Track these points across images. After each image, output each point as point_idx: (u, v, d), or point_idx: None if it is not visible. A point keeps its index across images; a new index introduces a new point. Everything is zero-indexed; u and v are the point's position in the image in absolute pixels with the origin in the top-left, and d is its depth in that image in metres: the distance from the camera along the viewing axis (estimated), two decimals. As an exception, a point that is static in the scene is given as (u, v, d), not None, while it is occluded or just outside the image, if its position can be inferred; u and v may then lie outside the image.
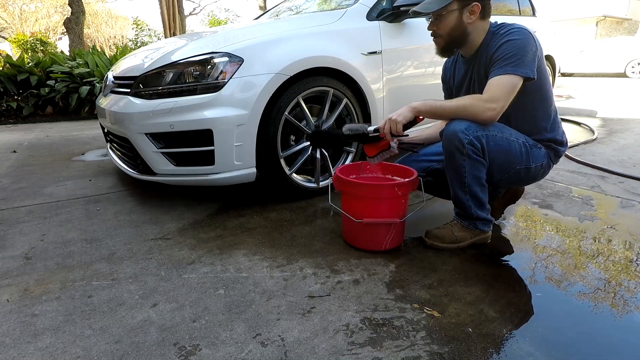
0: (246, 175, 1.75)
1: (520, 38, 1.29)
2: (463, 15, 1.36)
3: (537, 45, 1.31)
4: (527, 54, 1.27)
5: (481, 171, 1.36)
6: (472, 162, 1.34)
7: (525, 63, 1.27)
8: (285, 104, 1.77)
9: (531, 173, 1.43)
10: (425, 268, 1.33)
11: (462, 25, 1.37)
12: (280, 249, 1.48)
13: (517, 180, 1.47)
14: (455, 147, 1.33)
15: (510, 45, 1.29)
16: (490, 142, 1.33)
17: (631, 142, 3.14)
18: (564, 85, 8.43)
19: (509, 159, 1.37)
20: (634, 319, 1.07)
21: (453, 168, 1.38)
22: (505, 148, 1.35)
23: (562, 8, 16.18)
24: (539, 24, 3.50)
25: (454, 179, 1.40)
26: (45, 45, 12.90)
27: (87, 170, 2.59)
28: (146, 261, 1.39)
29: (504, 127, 1.38)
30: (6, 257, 1.43)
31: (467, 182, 1.37)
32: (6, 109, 4.81)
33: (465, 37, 1.39)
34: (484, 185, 1.39)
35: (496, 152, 1.35)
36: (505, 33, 1.32)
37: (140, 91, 1.75)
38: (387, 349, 0.96)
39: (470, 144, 1.30)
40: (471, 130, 1.31)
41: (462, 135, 1.30)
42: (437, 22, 1.39)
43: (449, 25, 1.38)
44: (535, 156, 1.41)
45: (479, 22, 1.37)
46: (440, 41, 1.42)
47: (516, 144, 1.37)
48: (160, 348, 0.97)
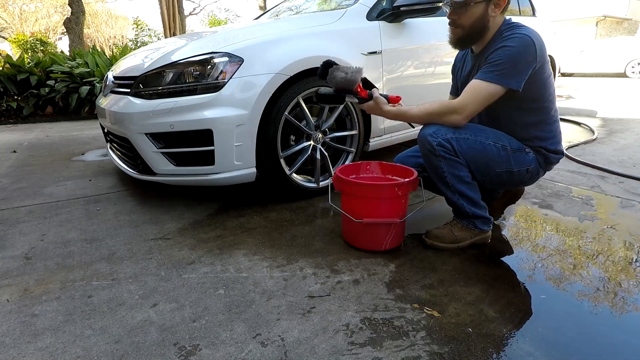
0: (246, 175, 1.75)
1: (516, 46, 1.24)
2: (489, 7, 1.31)
3: (537, 55, 1.25)
4: (518, 64, 1.24)
5: (460, 170, 1.36)
6: (447, 162, 1.35)
7: (513, 74, 1.25)
8: (285, 104, 1.77)
9: (515, 177, 1.40)
10: (425, 268, 1.34)
11: (486, 18, 1.32)
12: (280, 249, 1.48)
13: (502, 183, 1.45)
14: (427, 150, 1.36)
15: (503, 51, 1.26)
16: (462, 144, 1.33)
17: (631, 142, 3.14)
18: (564, 85, 8.43)
19: (486, 162, 1.36)
20: (634, 319, 1.07)
21: (432, 170, 1.41)
22: (479, 151, 1.34)
23: (562, 8, 16.17)
24: (539, 24, 3.50)
25: (437, 181, 1.42)
26: (45, 45, 12.91)
27: (87, 170, 2.59)
28: (146, 261, 1.39)
29: (479, 130, 1.37)
30: (6, 257, 1.43)
31: (450, 182, 1.38)
32: (6, 109, 4.81)
33: (484, 31, 1.34)
34: (469, 183, 1.39)
35: (470, 154, 1.34)
36: (507, 37, 1.28)
37: (140, 91, 1.75)
38: (387, 349, 0.96)
39: (439, 145, 1.32)
40: (440, 133, 1.33)
41: (430, 138, 1.34)
42: (460, 10, 1.32)
43: (473, 17, 1.31)
44: (519, 160, 1.38)
45: (499, 17, 1.34)
46: (459, 32, 1.36)
47: (492, 147, 1.35)
48: (160, 348, 0.97)
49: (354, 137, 2.08)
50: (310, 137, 1.92)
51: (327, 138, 1.98)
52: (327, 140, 1.98)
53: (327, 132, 1.98)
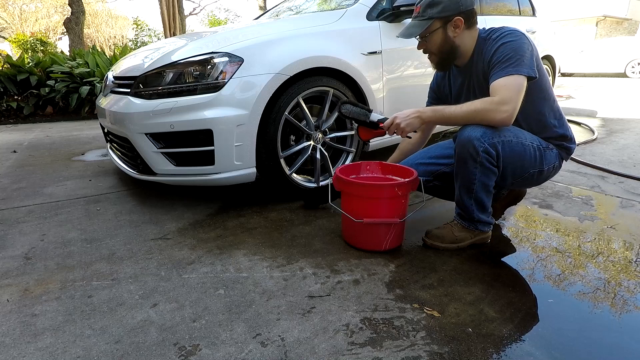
0: (246, 175, 1.75)
1: (515, 39, 1.28)
2: (447, 31, 1.37)
3: (533, 45, 1.31)
4: (525, 53, 1.27)
5: (491, 179, 1.35)
6: (484, 170, 1.32)
7: (525, 63, 1.26)
8: (285, 104, 1.77)
9: (543, 175, 1.44)
10: (425, 268, 1.33)
11: (449, 41, 1.38)
12: (280, 249, 1.48)
13: (530, 183, 1.48)
14: (469, 155, 1.30)
15: (506, 47, 1.28)
16: (506, 148, 1.31)
17: (631, 142, 3.14)
18: (564, 85, 8.43)
19: (523, 164, 1.37)
20: (634, 319, 1.07)
21: (463, 175, 1.36)
22: (520, 153, 1.34)
23: (562, 8, 16.17)
24: (539, 24, 3.50)
25: (462, 185, 1.39)
26: (45, 45, 12.90)
27: (87, 170, 2.59)
28: (146, 261, 1.39)
29: (519, 131, 1.37)
30: (6, 257, 1.43)
31: (475, 189, 1.36)
32: (6, 109, 4.81)
33: (455, 50, 1.40)
34: (490, 192, 1.39)
35: (511, 157, 1.33)
36: (499, 37, 1.32)
37: (140, 91, 1.75)
38: (387, 349, 0.96)
39: (485, 152, 1.28)
40: (487, 138, 1.27)
41: (477, 142, 1.27)
42: (424, 41, 1.41)
43: (436, 44, 1.39)
44: (547, 158, 1.41)
45: (466, 32, 1.37)
46: (434, 57, 1.44)
47: (531, 148, 1.36)
48: (160, 348, 0.97)
49: (354, 137, 2.08)
50: (310, 137, 1.93)
51: (327, 138, 1.98)
52: (327, 140, 1.98)
53: (327, 132, 1.98)
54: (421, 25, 1.37)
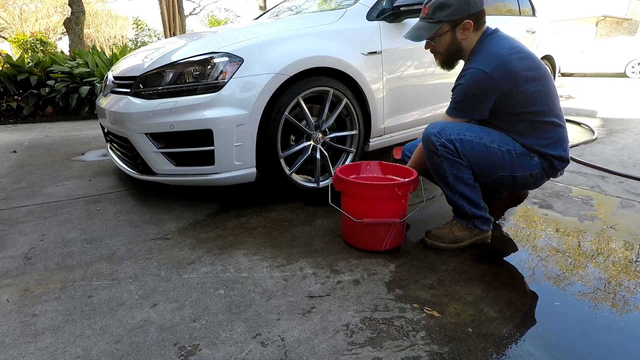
0: (246, 175, 1.75)
1: (466, 83, 1.32)
2: (456, 33, 1.37)
3: (497, 82, 1.27)
4: (473, 98, 1.32)
5: (462, 171, 1.36)
6: (450, 163, 1.35)
7: (470, 107, 1.35)
8: (285, 104, 1.77)
9: (518, 181, 1.39)
10: (425, 268, 1.34)
11: (457, 42, 1.39)
12: (280, 249, 1.48)
13: (505, 186, 1.44)
14: (430, 150, 1.37)
15: (457, 90, 1.36)
16: (466, 146, 1.33)
17: (631, 142, 3.14)
18: (564, 85, 8.43)
19: (490, 165, 1.36)
20: (634, 319, 1.07)
21: (434, 169, 1.41)
22: (483, 154, 1.34)
23: (562, 8, 16.18)
24: (539, 24, 3.50)
25: (439, 180, 1.43)
26: (45, 45, 12.90)
27: (87, 170, 2.59)
28: (146, 261, 1.39)
29: (484, 132, 1.36)
30: (6, 257, 1.43)
31: (451, 183, 1.38)
32: (6, 109, 4.81)
33: (460, 51, 1.42)
34: (471, 184, 1.39)
35: (474, 157, 1.34)
36: (464, 71, 1.35)
37: (140, 91, 1.75)
38: (387, 349, 0.96)
39: (442, 146, 1.33)
40: (444, 134, 1.34)
41: (434, 138, 1.34)
42: (431, 42, 1.43)
43: (444, 45, 1.41)
44: (523, 165, 1.36)
45: (473, 34, 1.38)
46: (440, 57, 1.47)
47: (497, 150, 1.34)
48: (160, 348, 0.97)
49: (354, 137, 2.08)
50: (310, 137, 1.93)
51: (327, 138, 1.98)
52: (327, 140, 1.98)
53: (327, 132, 1.98)
54: (430, 28, 1.38)
